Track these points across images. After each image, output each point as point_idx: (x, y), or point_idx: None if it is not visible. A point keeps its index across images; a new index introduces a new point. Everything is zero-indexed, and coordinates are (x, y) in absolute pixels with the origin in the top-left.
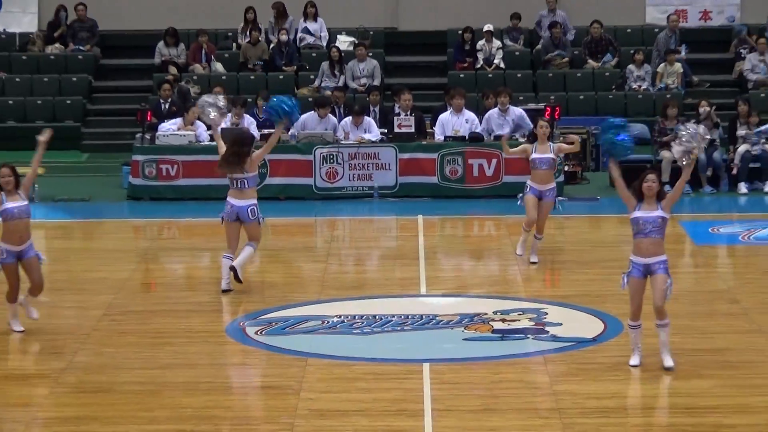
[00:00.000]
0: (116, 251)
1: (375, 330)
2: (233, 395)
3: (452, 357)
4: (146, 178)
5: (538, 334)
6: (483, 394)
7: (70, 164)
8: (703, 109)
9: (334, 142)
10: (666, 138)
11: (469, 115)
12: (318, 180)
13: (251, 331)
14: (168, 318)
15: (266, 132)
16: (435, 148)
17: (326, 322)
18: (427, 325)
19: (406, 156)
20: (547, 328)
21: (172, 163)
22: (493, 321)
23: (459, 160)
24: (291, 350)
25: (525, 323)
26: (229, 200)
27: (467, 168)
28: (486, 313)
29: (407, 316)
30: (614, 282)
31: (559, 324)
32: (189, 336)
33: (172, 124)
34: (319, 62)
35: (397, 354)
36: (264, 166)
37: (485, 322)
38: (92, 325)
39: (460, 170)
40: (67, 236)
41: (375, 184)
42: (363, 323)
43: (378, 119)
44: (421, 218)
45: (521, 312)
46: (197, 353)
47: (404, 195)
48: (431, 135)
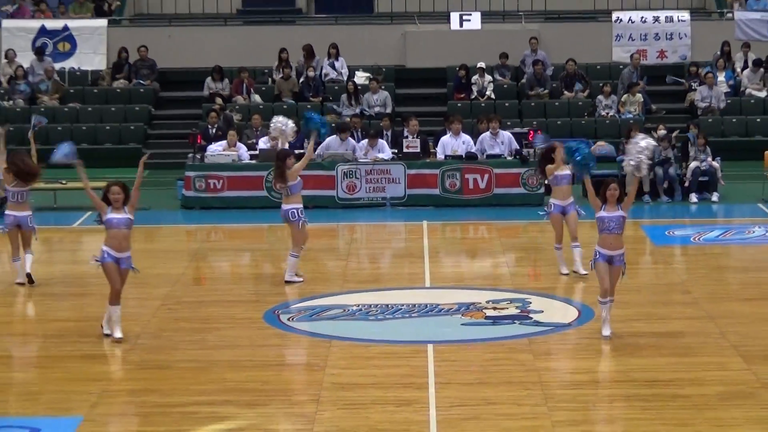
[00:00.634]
0: (172, 251)
1: (387, 317)
2: (269, 371)
3: (451, 339)
4: (197, 191)
5: (524, 320)
6: (477, 370)
7: (134, 179)
8: (661, 132)
9: (353, 161)
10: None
11: (466, 138)
12: (340, 192)
13: (284, 318)
14: (215, 307)
15: (298, 152)
16: (437, 165)
17: (347, 310)
18: (431, 313)
19: (413, 172)
20: (531, 315)
21: (218, 178)
22: (486, 309)
23: (457, 175)
24: (317, 334)
25: (512, 311)
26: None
27: (464, 182)
28: (480, 302)
29: (414, 305)
30: (587, 276)
31: (541, 311)
32: (232, 322)
33: (218, 146)
34: (340, 94)
35: (406, 336)
36: None
37: (479, 310)
38: (152, 313)
39: (458, 183)
40: (132, 239)
41: (387, 195)
42: (377, 311)
43: (390, 141)
44: (426, 223)
45: (509, 301)
46: (239, 336)
47: (411, 204)
48: (434, 154)
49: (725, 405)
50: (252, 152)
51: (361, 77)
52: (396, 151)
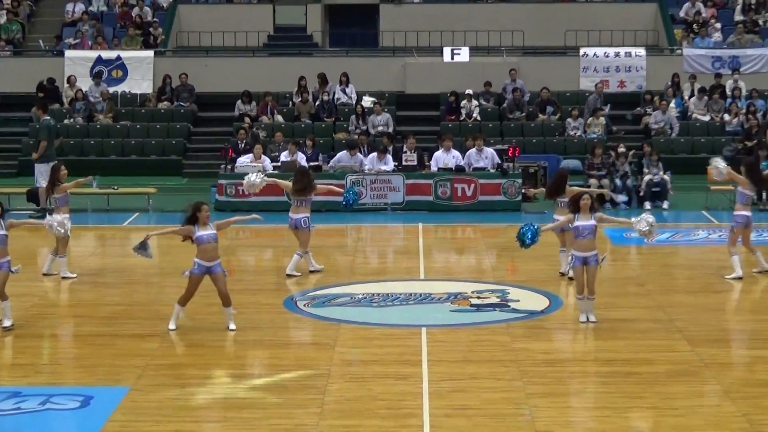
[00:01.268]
0: None
1: (388, 304)
2: (288, 349)
3: (442, 323)
4: (228, 196)
5: (503, 308)
6: (463, 350)
7: (175, 186)
8: (621, 150)
9: (360, 172)
10: (593, 173)
11: (455, 153)
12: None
13: (301, 304)
14: (242, 294)
15: (313, 164)
16: (431, 176)
17: (354, 298)
18: (424, 301)
19: (411, 181)
20: (509, 303)
21: None
22: (471, 298)
23: (448, 185)
24: (329, 318)
25: (493, 300)
26: (290, 214)
27: (453, 190)
28: (466, 292)
29: (410, 294)
30: (556, 271)
31: (518, 300)
32: (257, 307)
33: (246, 158)
34: (350, 115)
35: (403, 321)
36: None
37: (465, 299)
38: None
39: (449, 192)
40: (172, 237)
41: (388, 201)
42: (380, 299)
43: (391, 155)
44: (421, 225)
45: (491, 292)
46: (263, 319)
47: (409, 209)
48: (428, 167)
49: (672, 381)
50: (275, 164)
51: (368, 101)
52: (396, 164)
